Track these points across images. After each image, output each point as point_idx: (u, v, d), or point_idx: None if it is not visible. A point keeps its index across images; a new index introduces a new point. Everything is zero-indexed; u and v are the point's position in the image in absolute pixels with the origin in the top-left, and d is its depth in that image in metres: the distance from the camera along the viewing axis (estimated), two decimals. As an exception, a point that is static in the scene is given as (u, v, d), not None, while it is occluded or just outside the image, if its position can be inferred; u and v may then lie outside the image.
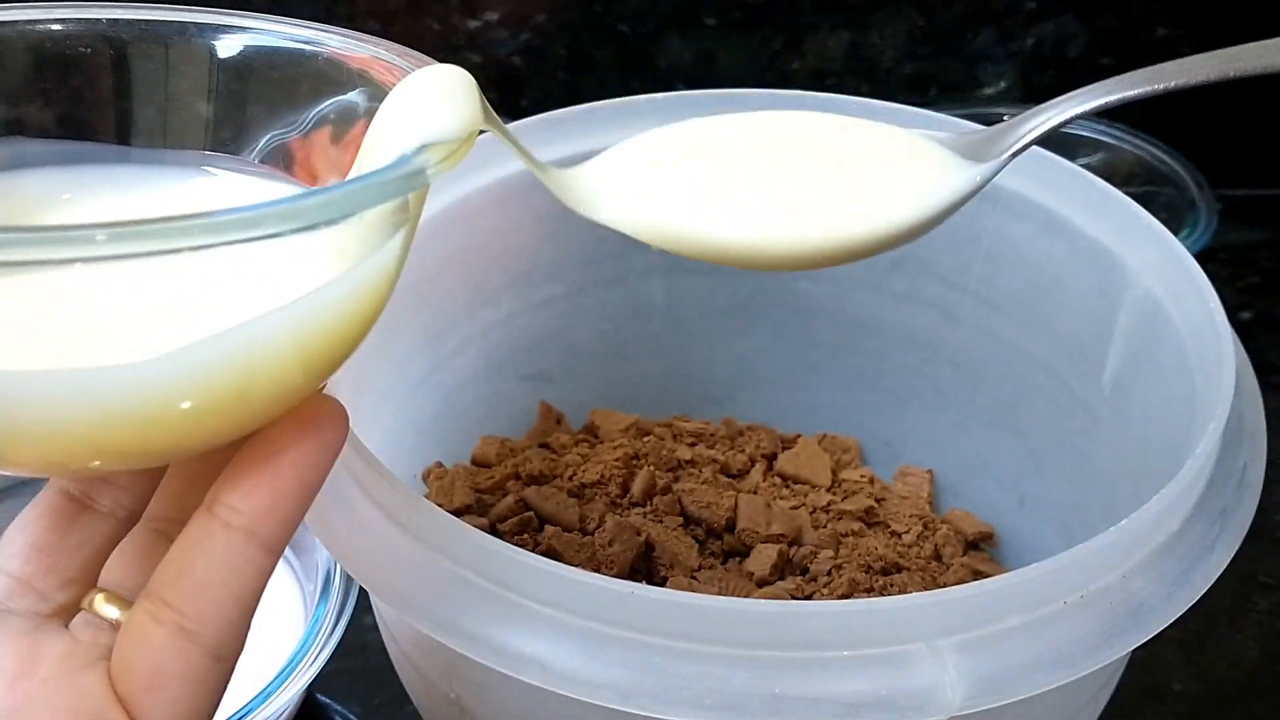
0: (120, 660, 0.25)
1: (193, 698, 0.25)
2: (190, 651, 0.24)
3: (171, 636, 0.24)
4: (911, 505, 0.49)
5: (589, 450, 0.49)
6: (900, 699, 0.29)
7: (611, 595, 0.29)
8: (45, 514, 0.28)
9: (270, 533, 0.25)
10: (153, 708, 0.24)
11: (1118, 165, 0.73)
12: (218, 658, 0.25)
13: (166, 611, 0.25)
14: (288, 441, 0.25)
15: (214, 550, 0.25)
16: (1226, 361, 0.35)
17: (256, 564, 0.25)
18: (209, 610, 0.25)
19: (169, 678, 0.24)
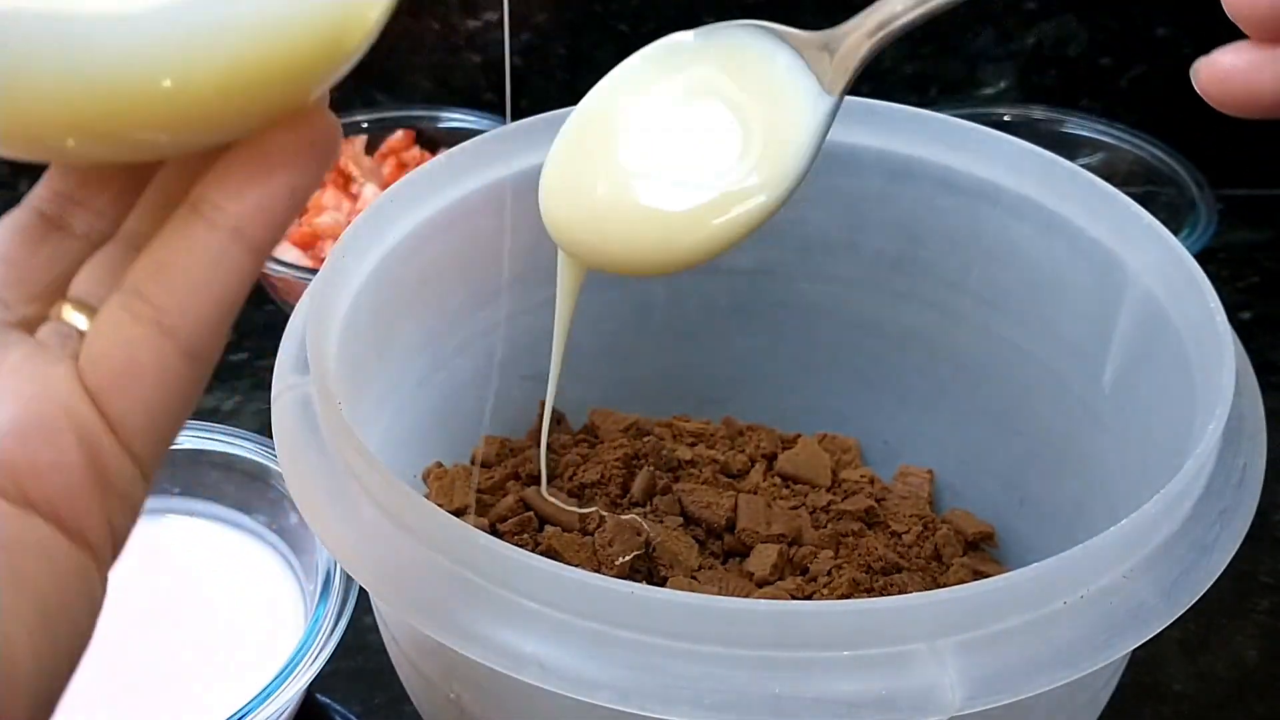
0: (91, 353, 0.24)
1: (165, 396, 0.24)
2: (166, 347, 0.23)
3: (147, 330, 0.23)
4: (911, 505, 0.49)
5: (589, 450, 0.49)
6: (900, 699, 0.29)
7: (611, 595, 0.29)
8: (14, 229, 0.26)
9: (256, 234, 0.24)
10: (122, 401, 0.23)
11: (1118, 165, 0.73)
12: (193, 357, 0.24)
13: (143, 305, 0.23)
14: (281, 144, 0.24)
15: (196, 247, 0.24)
16: (1226, 361, 0.35)
17: (240, 265, 0.24)
18: (188, 305, 0.23)
19: (142, 371, 0.23)
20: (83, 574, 0.23)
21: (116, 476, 0.23)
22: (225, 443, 0.51)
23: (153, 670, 0.45)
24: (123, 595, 0.49)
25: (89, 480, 0.23)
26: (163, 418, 0.24)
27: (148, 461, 0.24)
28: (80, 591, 0.23)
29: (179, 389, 0.24)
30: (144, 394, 0.23)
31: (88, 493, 0.23)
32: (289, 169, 0.24)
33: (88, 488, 0.23)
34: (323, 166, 0.25)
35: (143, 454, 0.24)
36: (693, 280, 0.51)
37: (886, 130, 0.46)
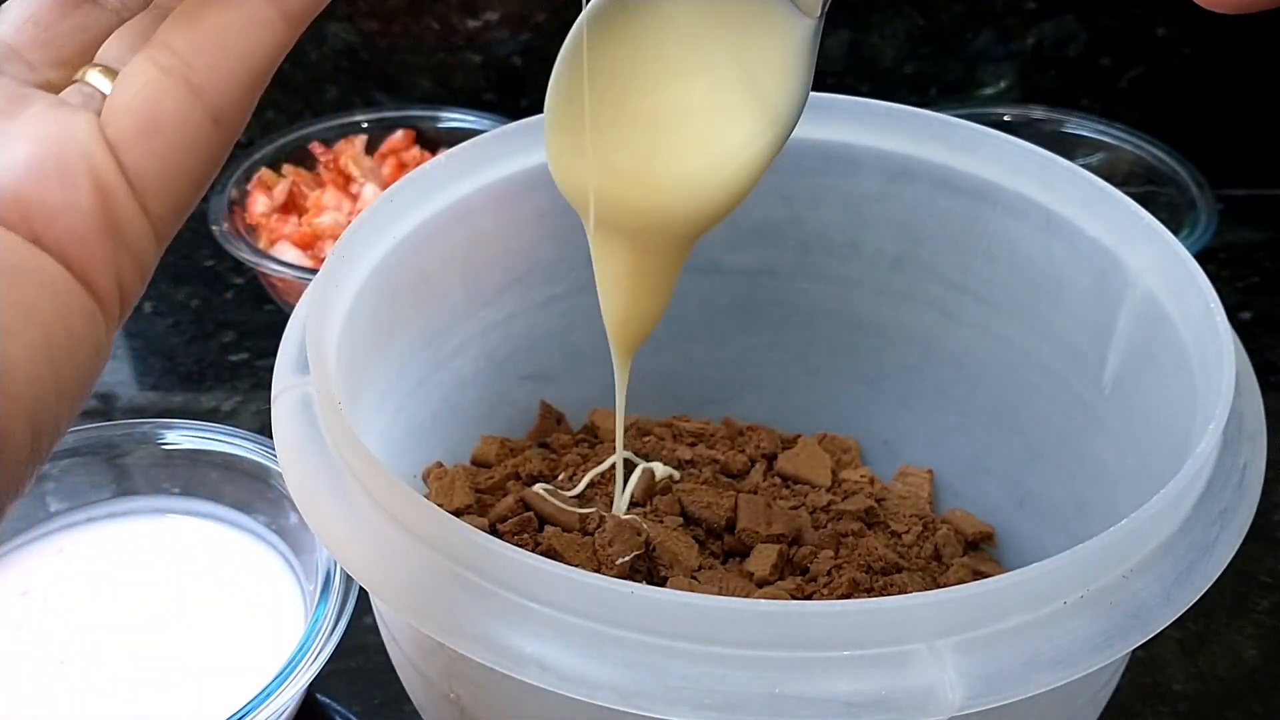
0: (114, 105, 0.23)
1: (187, 155, 0.23)
2: (192, 104, 0.23)
3: (173, 83, 0.23)
4: (911, 505, 0.49)
5: (589, 450, 0.49)
6: (900, 699, 0.29)
7: (611, 595, 0.29)
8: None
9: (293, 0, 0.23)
10: (143, 154, 0.23)
11: (1118, 165, 0.73)
12: (218, 121, 0.23)
13: (171, 58, 0.23)
14: None
15: (230, 5, 0.23)
16: (1226, 361, 0.35)
17: (274, 30, 0.23)
18: (217, 64, 0.23)
19: (164, 124, 0.23)
20: (88, 316, 0.23)
21: (128, 229, 0.23)
22: (225, 443, 0.51)
23: (153, 670, 0.45)
24: (123, 595, 0.49)
25: (99, 226, 0.23)
26: (181, 177, 0.23)
27: (162, 221, 0.24)
28: (85, 334, 0.23)
29: (201, 149, 0.23)
30: (164, 148, 0.23)
31: (97, 238, 0.23)
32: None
33: (98, 233, 0.23)
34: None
35: (157, 211, 0.23)
36: (693, 280, 0.51)
37: (886, 130, 0.46)
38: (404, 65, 0.77)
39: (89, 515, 0.51)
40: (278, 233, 0.69)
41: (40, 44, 0.25)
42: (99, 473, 0.51)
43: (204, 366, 0.69)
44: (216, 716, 0.41)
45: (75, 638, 0.46)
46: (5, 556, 0.49)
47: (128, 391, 0.67)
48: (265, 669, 0.43)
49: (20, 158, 0.22)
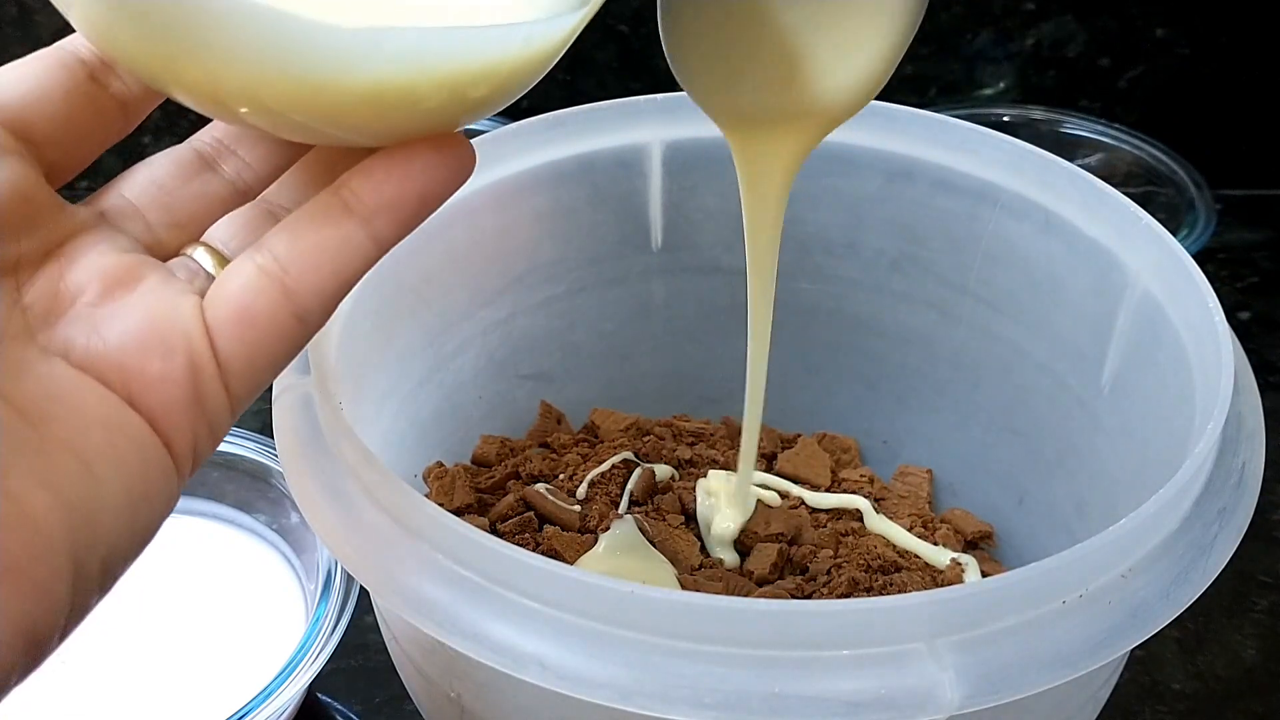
0: (217, 293, 0.26)
1: (270, 346, 0.26)
2: (282, 303, 0.26)
3: (269, 285, 0.26)
4: (911, 505, 0.49)
5: (589, 450, 0.49)
6: (899, 698, 0.29)
7: (611, 595, 0.29)
8: (171, 160, 0.29)
9: (384, 227, 0.27)
10: (234, 341, 0.26)
11: (1117, 165, 0.73)
12: (302, 320, 0.26)
13: (273, 264, 0.26)
14: (423, 154, 0.27)
15: (330, 225, 0.26)
16: (1225, 361, 0.36)
17: (363, 251, 0.27)
18: (309, 274, 0.26)
19: (257, 319, 0.26)
20: (165, 472, 0.26)
21: (210, 402, 0.26)
22: (226, 442, 0.51)
23: (153, 670, 0.45)
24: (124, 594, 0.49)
25: (187, 399, 0.25)
26: (262, 364, 0.26)
27: (239, 399, 0.26)
28: (161, 487, 0.25)
29: (283, 344, 0.26)
30: (253, 339, 0.26)
31: (182, 409, 0.25)
32: (425, 176, 0.27)
33: (184, 405, 0.25)
34: (454, 182, 0.27)
35: (236, 391, 0.26)
36: (693, 280, 0.51)
37: (886, 130, 0.47)
38: (404, 65, 0.77)
39: (90, 515, 0.51)
40: (278, 233, 0.69)
41: (160, 206, 0.29)
42: (100, 472, 0.51)
43: (204, 366, 0.69)
44: (216, 716, 0.41)
45: (76, 637, 0.46)
46: (6, 556, 0.49)
47: (128, 391, 0.67)
48: (266, 668, 0.43)
49: (131, 330, 0.25)
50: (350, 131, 0.27)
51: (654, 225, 0.49)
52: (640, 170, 0.48)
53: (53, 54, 0.28)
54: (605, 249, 0.50)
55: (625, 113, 0.47)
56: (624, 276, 0.50)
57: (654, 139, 0.47)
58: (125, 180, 0.29)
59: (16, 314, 0.25)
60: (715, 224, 0.50)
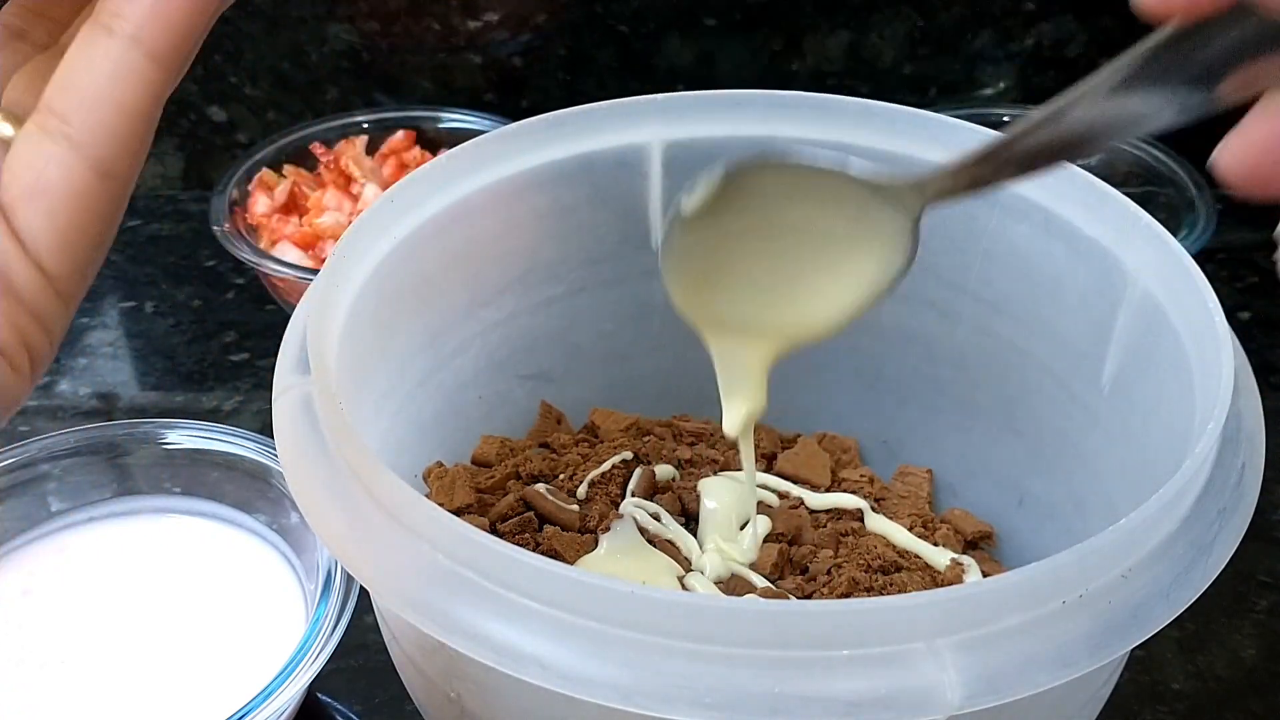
0: (6, 171, 0.24)
1: (75, 211, 0.24)
2: (75, 162, 0.24)
3: (56, 146, 0.24)
4: (911, 505, 0.49)
5: (589, 450, 0.49)
6: (900, 698, 0.29)
7: (611, 595, 0.29)
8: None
9: (155, 40, 0.24)
10: (31, 216, 0.24)
11: (1117, 165, 0.73)
12: (104, 174, 0.24)
13: (53, 120, 0.24)
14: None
15: (96, 57, 0.24)
16: (1225, 361, 0.35)
17: (142, 73, 0.24)
18: (93, 119, 0.24)
19: (50, 186, 0.24)
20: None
21: (24, 287, 0.24)
22: (226, 442, 0.51)
23: (153, 670, 0.45)
24: (124, 594, 0.49)
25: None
26: (74, 234, 0.24)
27: (62, 278, 0.24)
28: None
29: (90, 205, 0.24)
30: (51, 209, 0.24)
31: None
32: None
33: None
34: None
35: (54, 269, 0.24)
36: (693, 280, 0.51)
37: (886, 130, 0.46)
38: (405, 66, 0.77)
39: (90, 515, 0.51)
40: (279, 233, 0.69)
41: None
42: (100, 472, 0.51)
43: (205, 366, 0.69)
44: (216, 716, 0.41)
45: (77, 637, 0.46)
46: (7, 556, 0.49)
47: (129, 391, 0.68)
48: (266, 668, 0.43)
49: None
50: None
51: (654, 225, 0.49)
52: (640, 170, 0.48)
53: None
54: (605, 249, 0.50)
55: (625, 113, 0.47)
56: (624, 276, 0.50)
57: (654, 139, 0.47)
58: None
59: None
60: (715, 224, 0.50)
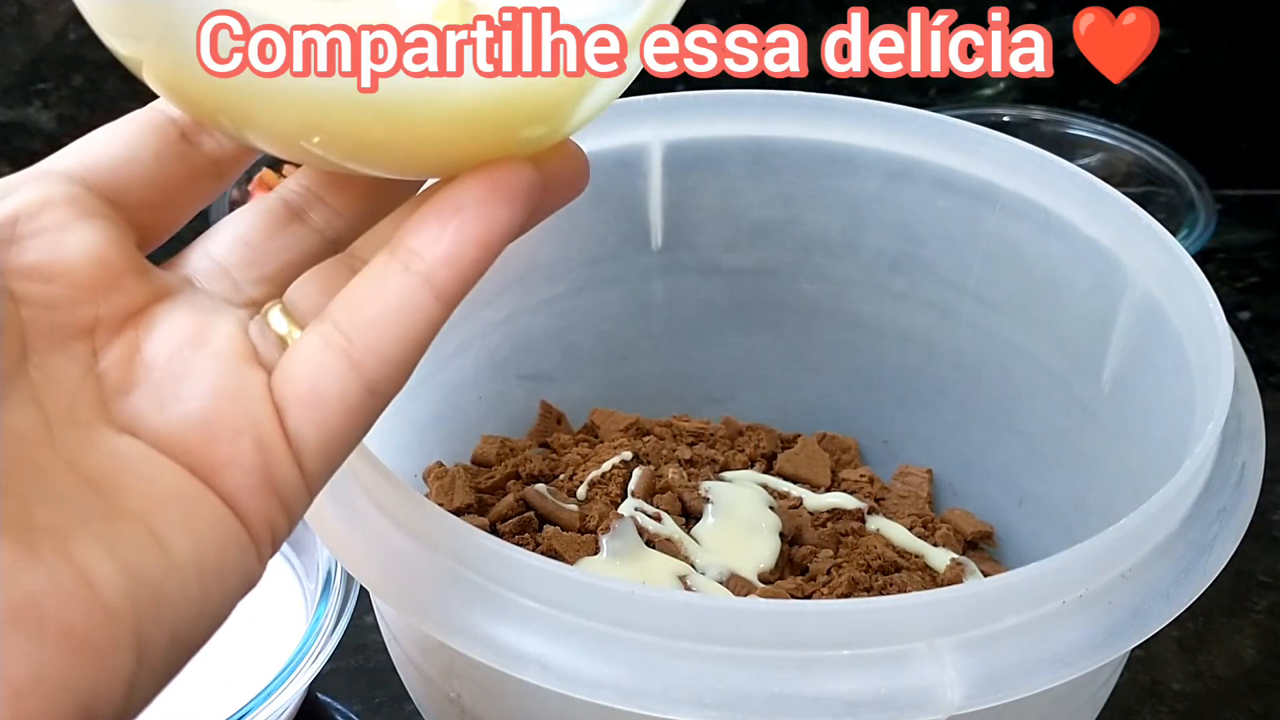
0: (284, 371, 0.25)
1: (343, 421, 0.25)
2: (351, 378, 0.25)
3: (336, 359, 0.25)
4: (911, 505, 0.49)
5: (589, 450, 0.49)
6: (899, 698, 0.29)
7: (611, 595, 0.29)
8: (258, 214, 0.29)
9: (445, 282, 0.25)
10: (304, 420, 0.25)
11: (1117, 165, 0.73)
12: (373, 392, 0.25)
13: (337, 336, 0.25)
14: (472, 193, 0.25)
15: (389, 289, 0.25)
16: (1225, 361, 0.36)
17: (427, 311, 0.25)
18: (375, 344, 0.25)
19: (326, 397, 0.25)
20: (241, 547, 0.25)
21: (283, 483, 0.25)
22: (226, 442, 0.51)
23: (153, 670, 0.45)
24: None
25: (257, 481, 0.25)
26: (335, 442, 0.25)
27: (314, 477, 0.26)
28: (236, 563, 0.24)
29: (356, 418, 0.26)
30: (323, 417, 0.25)
31: (253, 490, 0.25)
32: (479, 220, 0.25)
33: (255, 486, 0.25)
34: (516, 218, 0.26)
35: (311, 470, 0.25)
36: (693, 280, 0.51)
37: (886, 130, 0.46)
38: (404, 65, 0.77)
39: (90, 515, 0.51)
40: (278, 233, 0.69)
41: (247, 263, 0.28)
42: (100, 472, 0.51)
43: (204, 366, 0.69)
44: (216, 716, 0.41)
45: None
46: (6, 556, 0.49)
47: (128, 391, 0.67)
48: (266, 668, 0.43)
49: (194, 412, 0.25)
50: (410, 159, 0.26)
51: (654, 225, 0.49)
52: (640, 170, 0.48)
53: (144, 115, 0.27)
54: (605, 249, 0.50)
55: (625, 113, 0.47)
56: (624, 276, 0.50)
57: (654, 139, 0.47)
58: (210, 238, 0.28)
59: (90, 381, 0.24)
60: (715, 224, 0.50)
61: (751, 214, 0.49)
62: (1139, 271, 0.41)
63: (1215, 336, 0.37)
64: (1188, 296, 0.39)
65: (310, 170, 0.29)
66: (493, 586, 0.31)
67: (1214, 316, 0.37)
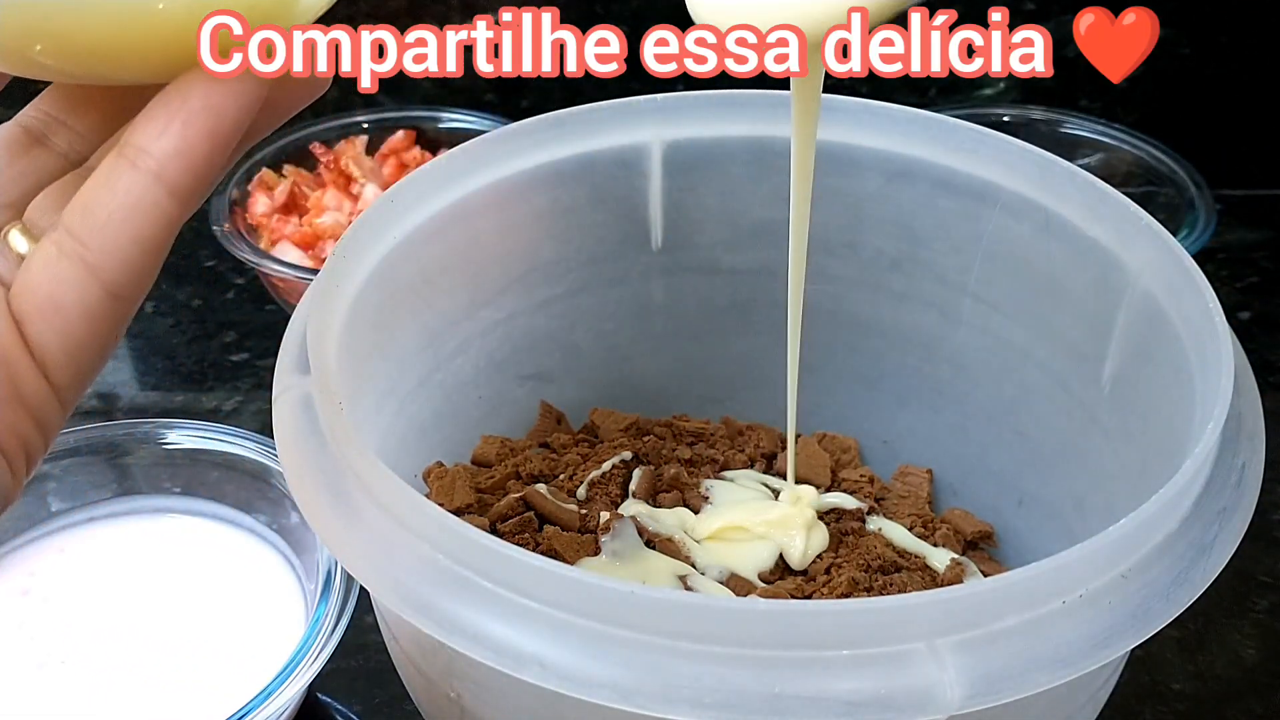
0: (22, 283, 0.25)
1: (86, 328, 0.25)
2: (89, 283, 0.25)
3: (72, 266, 0.25)
4: (911, 505, 0.49)
5: (589, 450, 0.49)
6: (899, 698, 0.29)
7: (611, 595, 0.29)
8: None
9: (176, 177, 0.25)
10: (45, 330, 0.25)
11: (1117, 165, 0.73)
12: (115, 295, 0.25)
13: (71, 242, 0.25)
14: (201, 87, 0.25)
15: (119, 188, 0.25)
16: (1225, 361, 0.36)
17: (161, 208, 0.25)
18: (110, 246, 0.25)
19: (65, 304, 0.25)
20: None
21: (30, 396, 0.25)
22: (226, 442, 0.51)
23: (153, 669, 0.45)
24: (124, 594, 0.49)
25: (2, 396, 0.25)
26: (81, 350, 0.25)
27: (64, 388, 0.25)
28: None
29: (100, 324, 0.25)
30: (64, 326, 0.25)
31: (0, 406, 0.24)
32: (207, 111, 0.25)
33: (1, 402, 0.24)
34: (245, 109, 0.25)
35: (60, 380, 0.25)
36: (693, 280, 0.51)
37: (886, 130, 0.46)
38: (404, 65, 0.77)
39: (90, 515, 0.51)
40: (279, 233, 0.69)
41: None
42: (100, 472, 0.51)
43: (205, 366, 0.69)
44: (216, 716, 0.41)
45: (76, 637, 0.46)
46: (7, 556, 0.49)
47: (129, 391, 0.68)
48: (266, 668, 0.43)
49: None
50: (139, 61, 0.25)
51: (654, 225, 0.49)
52: (640, 170, 0.48)
53: None
54: (605, 249, 0.50)
55: (625, 113, 0.47)
56: (624, 276, 0.50)
57: (654, 139, 0.47)
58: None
59: None
60: (715, 224, 0.50)
61: (751, 214, 0.49)
62: (1139, 271, 0.41)
63: (1215, 336, 0.37)
64: (1188, 296, 0.39)
65: (51, 94, 0.28)
66: (493, 586, 0.31)
67: (1214, 316, 0.37)
